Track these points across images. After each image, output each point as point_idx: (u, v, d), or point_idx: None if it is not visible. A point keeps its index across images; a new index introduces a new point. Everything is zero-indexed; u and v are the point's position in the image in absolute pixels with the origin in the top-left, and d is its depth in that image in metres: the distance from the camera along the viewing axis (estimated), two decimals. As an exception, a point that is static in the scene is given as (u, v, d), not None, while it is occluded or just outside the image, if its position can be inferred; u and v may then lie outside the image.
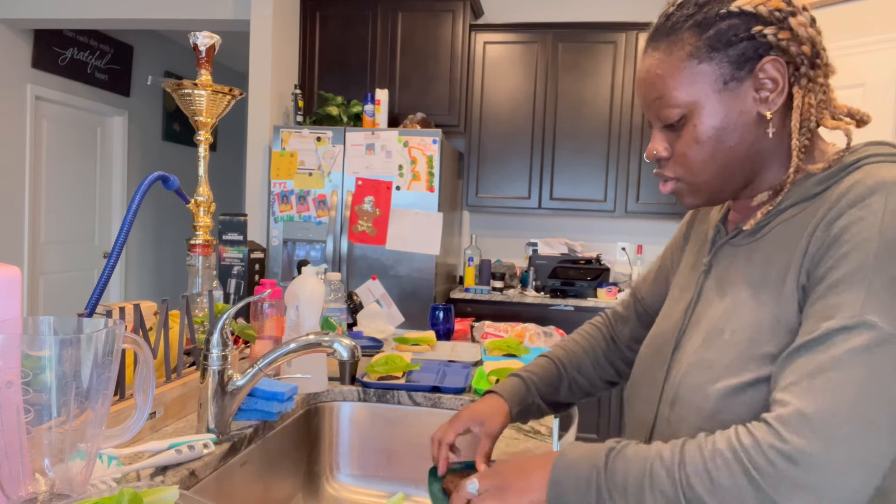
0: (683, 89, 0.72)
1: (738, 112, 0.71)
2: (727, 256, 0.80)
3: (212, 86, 1.34)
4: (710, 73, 0.71)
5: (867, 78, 2.67)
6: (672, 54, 0.72)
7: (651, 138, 0.78)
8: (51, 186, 4.63)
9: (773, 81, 0.70)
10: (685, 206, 0.80)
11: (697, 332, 0.78)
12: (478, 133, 3.86)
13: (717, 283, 0.79)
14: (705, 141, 0.72)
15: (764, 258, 0.73)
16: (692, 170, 0.74)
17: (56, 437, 0.65)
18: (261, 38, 3.62)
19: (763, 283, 0.72)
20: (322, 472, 1.40)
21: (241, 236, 1.67)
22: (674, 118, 0.73)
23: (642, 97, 0.77)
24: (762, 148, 0.73)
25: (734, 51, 0.70)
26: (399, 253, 3.37)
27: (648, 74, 0.75)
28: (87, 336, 0.65)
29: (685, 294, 0.86)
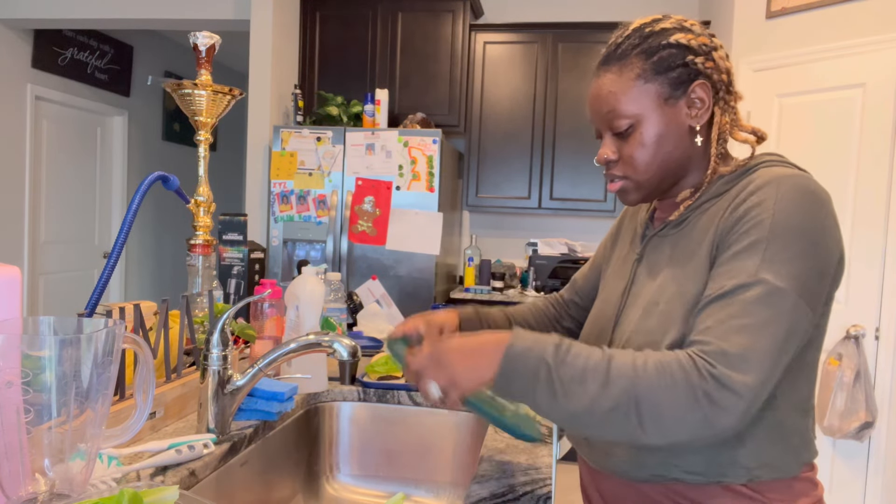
0: (632, 103, 0.88)
1: (675, 124, 0.89)
2: (656, 246, 0.97)
3: (212, 86, 1.34)
4: (654, 92, 0.88)
5: (867, 78, 2.67)
6: (622, 75, 0.89)
7: (601, 145, 0.93)
8: (51, 186, 4.63)
9: (700, 101, 0.88)
10: (627, 203, 0.96)
11: (635, 308, 0.93)
12: (478, 133, 3.86)
13: (648, 268, 0.96)
14: (649, 146, 0.89)
15: (686, 243, 0.90)
16: (637, 169, 0.91)
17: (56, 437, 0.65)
18: (261, 38, 3.62)
19: (686, 261, 0.88)
20: (322, 472, 1.40)
21: (241, 236, 1.67)
22: (623, 127, 0.89)
23: (595, 111, 0.92)
24: (690, 154, 0.91)
25: (672, 74, 0.87)
26: (399, 253, 3.37)
27: (601, 91, 0.91)
28: (87, 336, 0.65)
29: (620, 281, 1.02)
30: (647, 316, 0.89)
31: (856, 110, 2.70)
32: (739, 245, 0.81)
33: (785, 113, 2.96)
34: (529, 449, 1.16)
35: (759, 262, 0.78)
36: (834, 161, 2.74)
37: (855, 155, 2.70)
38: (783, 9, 2.97)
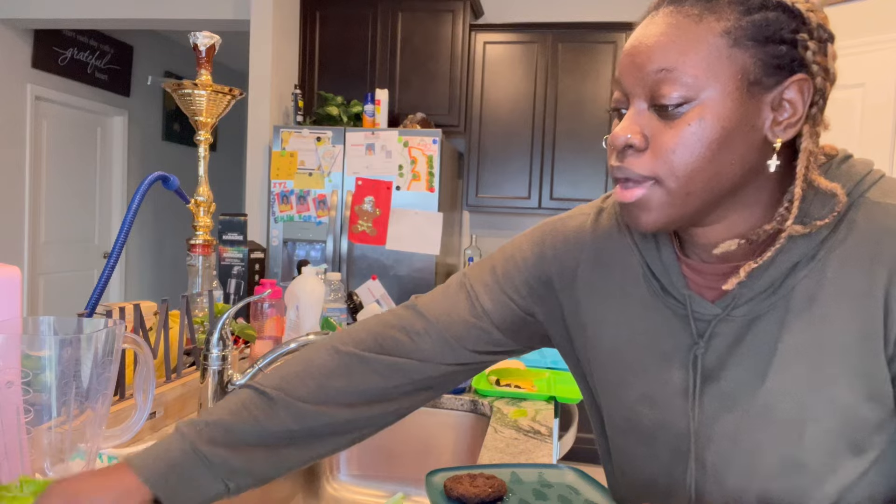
0: (702, 69, 0.57)
1: (749, 125, 0.59)
2: (731, 330, 0.65)
3: (212, 86, 1.34)
4: (739, 64, 0.57)
5: (867, 78, 2.67)
6: (701, 22, 0.58)
7: (623, 118, 0.62)
8: (51, 186, 4.63)
9: (792, 106, 0.60)
10: (641, 226, 0.62)
11: (735, 425, 0.64)
12: (478, 133, 3.87)
13: (736, 363, 0.64)
14: (707, 141, 0.58)
15: (808, 327, 0.61)
16: (676, 172, 0.59)
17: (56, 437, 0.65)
18: (261, 38, 3.62)
19: (825, 358, 0.60)
20: (322, 472, 1.40)
21: (241, 236, 1.67)
22: (674, 99, 0.57)
23: (637, 65, 0.60)
24: (750, 179, 0.61)
25: (771, 50, 0.58)
26: (399, 253, 3.37)
27: (660, 39, 0.58)
28: (87, 336, 0.65)
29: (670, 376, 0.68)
30: (785, 441, 0.61)
31: (856, 110, 2.70)
32: None
33: (785, 113, 2.96)
34: (529, 449, 1.16)
35: None
36: (834, 161, 2.74)
37: (855, 155, 2.70)
38: (783, 9, 2.97)
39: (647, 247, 0.71)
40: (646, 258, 0.71)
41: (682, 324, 0.68)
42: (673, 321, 0.68)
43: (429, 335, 0.76)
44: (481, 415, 1.38)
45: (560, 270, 0.77)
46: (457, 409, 1.39)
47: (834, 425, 0.60)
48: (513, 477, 0.91)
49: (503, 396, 1.41)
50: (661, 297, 0.70)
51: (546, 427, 1.26)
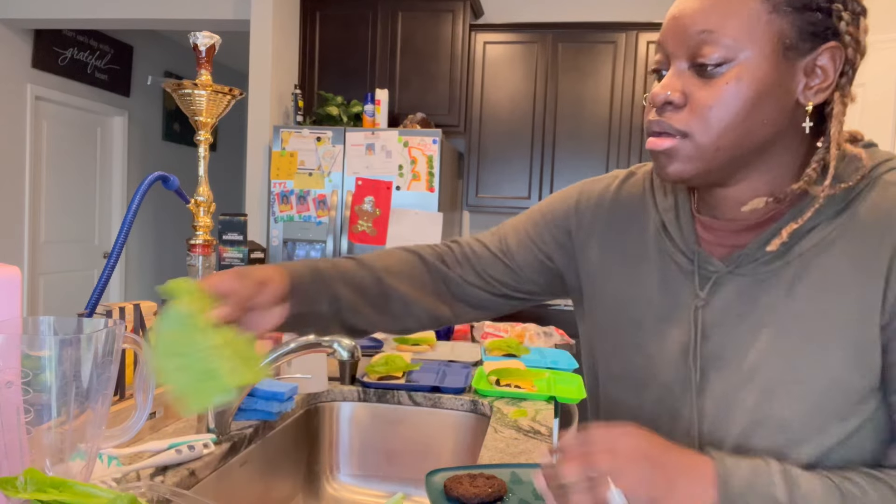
0: (742, 32, 0.61)
1: (783, 88, 0.63)
2: (735, 289, 0.68)
3: (212, 86, 1.34)
4: (776, 29, 0.61)
5: (867, 78, 2.67)
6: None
7: (665, 78, 0.66)
8: (51, 186, 4.63)
9: (824, 72, 0.63)
10: (666, 174, 0.67)
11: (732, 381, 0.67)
12: (478, 133, 3.86)
13: (733, 322, 0.68)
14: (742, 100, 0.62)
15: (810, 293, 0.64)
16: (710, 127, 0.62)
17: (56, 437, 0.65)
18: (261, 38, 3.62)
19: (822, 323, 0.63)
20: (322, 472, 1.40)
21: (241, 236, 1.67)
22: (714, 60, 0.62)
23: (680, 28, 0.64)
24: (779, 140, 0.65)
25: (808, 17, 0.62)
26: (399, 253, 3.37)
27: (703, 3, 0.63)
28: (87, 336, 0.65)
29: (664, 329, 0.72)
30: (772, 400, 0.64)
31: (856, 110, 2.70)
32: None
33: (785, 113, 2.97)
34: (529, 449, 1.16)
35: None
36: (834, 161, 2.74)
37: (855, 155, 2.71)
38: (783, 9, 2.97)
39: (666, 206, 0.76)
40: (663, 216, 0.76)
41: (687, 280, 0.72)
42: (679, 278, 0.72)
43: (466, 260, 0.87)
44: (481, 415, 1.38)
45: (579, 224, 0.84)
46: (457, 409, 1.39)
47: (822, 390, 0.62)
48: (513, 477, 0.91)
49: (503, 396, 1.41)
50: (670, 253, 0.74)
51: (546, 427, 1.26)
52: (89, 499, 0.60)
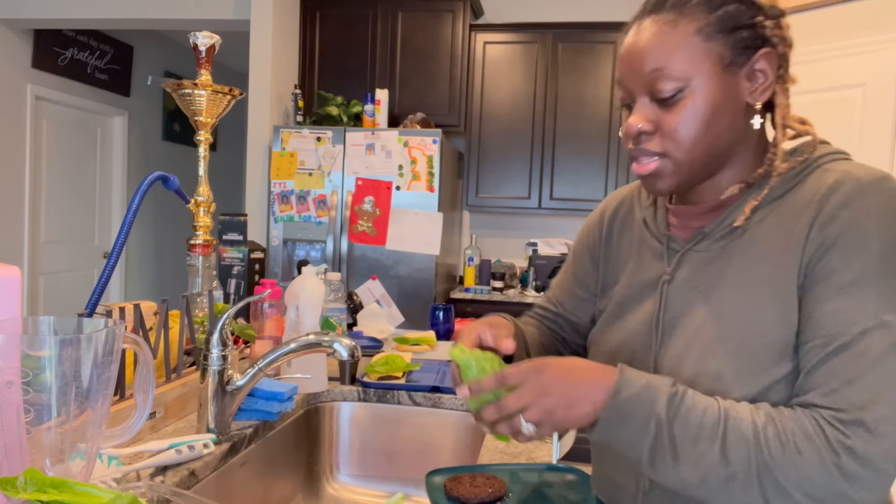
0: (686, 63, 0.71)
1: (733, 97, 0.73)
2: (693, 263, 0.80)
3: (212, 86, 1.34)
4: (714, 53, 0.71)
5: (867, 78, 2.67)
6: (678, 27, 0.72)
7: (632, 113, 0.76)
8: (51, 186, 4.63)
9: (763, 74, 0.74)
10: (657, 191, 0.77)
11: (682, 341, 0.77)
12: (478, 133, 3.86)
13: (690, 291, 0.79)
14: (701, 118, 0.72)
15: (749, 261, 0.74)
16: (682, 145, 0.73)
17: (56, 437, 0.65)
18: (261, 38, 3.62)
19: (755, 287, 0.73)
20: (322, 472, 1.40)
21: (241, 236, 1.67)
22: (669, 92, 0.72)
23: (633, 68, 0.74)
24: (740, 138, 0.76)
25: (737, 36, 0.72)
26: (399, 253, 3.37)
27: (647, 44, 0.73)
28: (87, 336, 0.65)
29: (640, 307, 0.84)
30: (709, 356, 0.73)
31: (856, 110, 2.70)
32: (843, 277, 0.67)
33: (785, 113, 2.96)
34: (529, 449, 1.16)
35: (877, 300, 0.65)
36: (834, 161, 2.74)
37: (855, 155, 2.70)
38: (783, 9, 2.97)
39: (646, 204, 0.91)
40: (644, 214, 0.90)
41: (659, 261, 0.84)
42: (653, 260, 0.85)
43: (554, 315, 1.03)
44: (481, 415, 1.38)
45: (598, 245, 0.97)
46: (457, 409, 1.39)
47: (752, 345, 0.71)
48: (513, 477, 0.91)
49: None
50: (647, 241, 0.87)
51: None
52: (89, 499, 0.60)
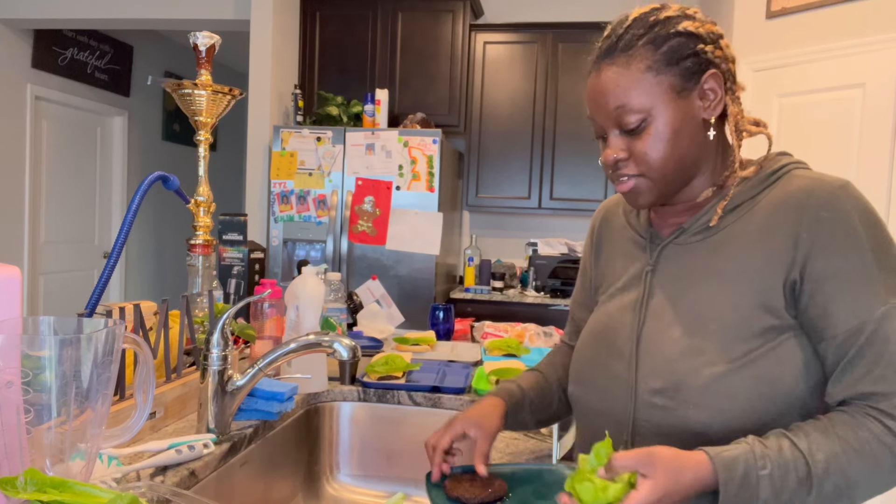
0: (644, 97, 0.82)
1: (689, 117, 0.84)
2: (674, 255, 0.90)
3: (212, 86, 1.34)
4: (666, 83, 0.82)
5: (867, 78, 2.67)
6: (630, 67, 0.83)
7: (606, 146, 0.87)
8: (51, 186, 4.63)
9: (713, 92, 0.84)
10: (638, 205, 0.88)
11: (665, 324, 0.87)
12: (478, 133, 3.86)
13: (670, 280, 0.89)
14: (666, 140, 0.83)
15: (729, 253, 0.85)
16: (653, 166, 0.84)
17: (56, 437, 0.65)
18: (261, 38, 3.62)
19: (734, 275, 0.83)
20: (322, 472, 1.40)
21: (241, 236, 1.67)
22: (634, 124, 0.83)
23: (599, 107, 0.85)
24: (704, 150, 0.86)
25: (683, 65, 0.82)
26: (399, 253, 3.37)
27: (607, 86, 0.84)
28: (87, 336, 0.65)
29: (626, 294, 0.94)
30: (693, 334, 0.83)
31: (856, 110, 2.70)
32: (847, 273, 0.78)
33: (785, 113, 2.96)
34: (529, 449, 1.16)
35: (883, 286, 0.77)
36: (834, 161, 2.74)
37: (855, 155, 2.70)
38: (783, 9, 2.97)
39: (629, 208, 1.01)
40: (627, 216, 1.01)
41: (642, 253, 0.95)
42: (637, 253, 0.96)
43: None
44: (481, 415, 1.38)
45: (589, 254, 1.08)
46: (457, 409, 1.39)
47: (731, 325, 0.81)
48: (513, 477, 0.91)
49: (503, 396, 1.41)
50: (631, 238, 0.98)
51: (546, 427, 1.26)
52: (89, 499, 0.60)
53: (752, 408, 0.79)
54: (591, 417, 0.94)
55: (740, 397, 0.79)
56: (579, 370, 0.97)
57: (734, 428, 0.79)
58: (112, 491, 0.61)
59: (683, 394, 0.81)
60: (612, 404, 0.89)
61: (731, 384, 0.79)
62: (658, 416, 0.84)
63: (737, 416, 0.79)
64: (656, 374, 0.85)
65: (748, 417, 0.79)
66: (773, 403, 0.79)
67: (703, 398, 0.80)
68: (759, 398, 0.79)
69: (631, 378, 0.87)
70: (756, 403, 0.79)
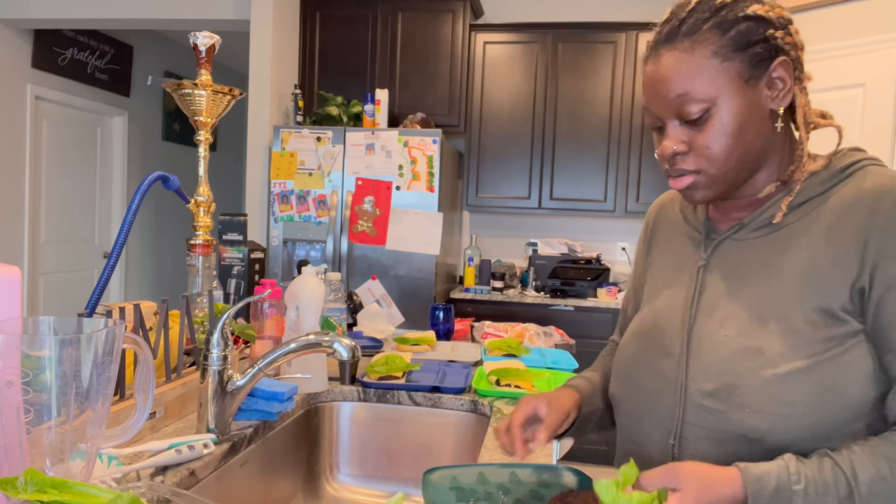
0: (708, 85, 0.76)
1: (756, 107, 0.78)
2: (730, 251, 0.85)
3: (212, 86, 1.34)
4: (732, 71, 0.76)
5: (867, 78, 2.67)
6: (694, 52, 0.77)
7: (665, 136, 0.81)
8: (51, 186, 4.63)
9: (782, 81, 0.78)
10: (695, 201, 0.83)
11: (718, 322, 0.82)
12: (478, 133, 3.86)
13: (727, 275, 0.84)
14: (730, 133, 0.77)
15: (793, 251, 0.80)
16: (715, 161, 0.78)
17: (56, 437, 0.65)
18: (261, 38, 3.62)
19: (800, 275, 0.78)
20: (322, 472, 1.40)
21: (241, 236, 1.67)
22: (696, 114, 0.77)
23: (658, 95, 0.79)
24: (770, 143, 0.81)
25: (751, 52, 0.77)
26: (399, 253, 3.37)
27: (667, 73, 0.78)
28: (87, 336, 0.65)
29: (679, 289, 0.89)
30: (751, 334, 0.78)
31: (856, 110, 2.70)
32: None
33: (785, 113, 2.96)
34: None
35: None
36: (834, 161, 2.74)
37: (855, 155, 2.70)
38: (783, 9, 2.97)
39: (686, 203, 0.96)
40: (684, 209, 0.96)
41: (696, 248, 0.90)
42: (689, 248, 0.92)
43: None
44: (481, 415, 1.38)
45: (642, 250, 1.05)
46: (457, 409, 1.39)
47: (791, 327, 0.76)
48: (512, 477, 0.91)
49: (503, 396, 1.41)
50: (686, 232, 0.94)
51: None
52: (89, 499, 0.60)
53: (813, 415, 0.74)
54: (634, 420, 0.90)
55: (801, 404, 0.74)
56: (622, 368, 0.93)
57: (794, 437, 0.74)
58: (112, 491, 0.61)
59: (738, 397, 0.77)
60: (657, 406, 0.85)
61: (792, 389, 0.74)
62: (709, 421, 0.79)
63: (795, 423, 0.74)
64: (708, 375, 0.80)
65: (809, 426, 0.74)
66: (838, 412, 0.74)
67: (760, 402, 0.75)
68: (823, 406, 0.73)
69: (680, 378, 0.83)
70: (818, 411, 0.73)
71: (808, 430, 0.73)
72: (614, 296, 3.60)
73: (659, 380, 0.85)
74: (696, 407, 0.80)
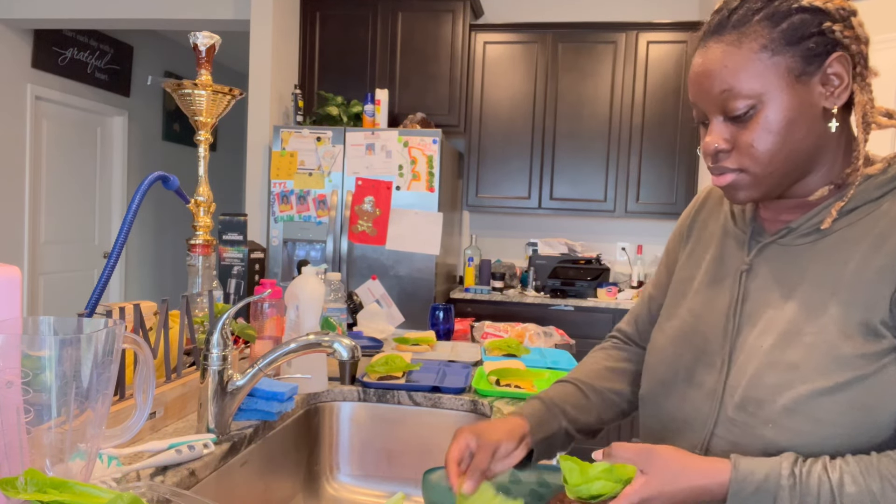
0: (756, 80, 0.72)
1: (808, 105, 0.73)
2: (774, 256, 0.81)
3: (212, 86, 1.34)
4: (783, 66, 0.71)
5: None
6: (742, 46, 0.72)
7: (708, 132, 0.77)
8: (51, 186, 4.63)
9: (838, 78, 0.73)
10: (738, 201, 0.79)
11: (757, 332, 0.78)
12: (478, 133, 3.86)
13: (770, 283, 0.80)
14: (777, 132, 0.72)
15: (839, 260, 0.75)
16: (759, 160, 0.74)
17: (56, 437, 0.65)
18: (261, 38, 3.62)
19: (843, 286, 0.73)
20: (322, 472, 1.40)
21: (241, 236, 1.67)
22: (741, 110, 0.73)
23: (703, 89, 0.75)
24: (823, 143, 0.75)
25: (804, 45, 0.71)
26: (399, 253, 3.37)
27: (713, 66, 0.74)
28: (87, 336, 0.65)
29: (720, 294, 0.84)
30: (786, 347, 0.74)
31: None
32: None
33: (785, 113, 2.96)
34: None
35: None
36: (834, 161, 2.74)
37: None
38: (783, 9, 2.97)
39: None
40: (733, 207, 0.90)
41: (739, 250, 0.85)
42: (733, 250, 0.86)
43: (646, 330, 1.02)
44: (481, 415, 1.38)
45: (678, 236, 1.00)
46: (457, 409, 1.39)
47: (829, 342, 0.72)
48: (512, 477, 0.91)
49: (503, 396, 1.41)
50: (731, 232, 0.88)
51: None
52: (89, 499, 0.60)
53: (838, 435, 0.70)
54: (662, 422, 0.86)
55: (827, 422, 0.70)
56: (659, 372, 0.88)
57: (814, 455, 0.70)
58: (112, 491, 0.61)
59: (765, 411, 0.73)
60: (691, 414, 0.82)
61: (819, 406, 0.70)
62: (735, 434, 0.76)
63: (818, 442, 0.70)
64: (741, 387, 0.76)
65: (833, 445, 0.70)
66: (867, 433, 0.69)
67: (783, 418, 0.72)
68: (851, 425, 0.70)
69: (719, 390, 0.79)
70: (844, 431, 0.70)
71: (831, 450, 0.70)
72: (614, 296, 3.60)
73: (696, 389, 0.82)
74: (726, 419, 0.77)
